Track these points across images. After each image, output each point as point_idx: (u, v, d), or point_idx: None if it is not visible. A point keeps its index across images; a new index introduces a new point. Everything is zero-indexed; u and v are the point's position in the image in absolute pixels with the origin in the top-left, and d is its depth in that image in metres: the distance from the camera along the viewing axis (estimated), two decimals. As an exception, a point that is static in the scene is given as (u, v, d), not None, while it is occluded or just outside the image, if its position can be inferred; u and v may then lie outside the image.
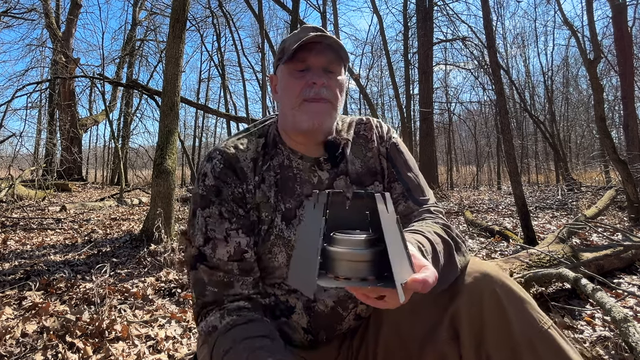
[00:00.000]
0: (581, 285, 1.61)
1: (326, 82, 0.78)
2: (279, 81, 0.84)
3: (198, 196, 0.79)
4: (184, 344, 1.60)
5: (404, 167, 0.87)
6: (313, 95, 0.77)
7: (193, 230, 0.78)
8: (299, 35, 0.79)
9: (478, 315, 0.68)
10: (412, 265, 0.46)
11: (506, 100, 4.03)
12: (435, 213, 0.81)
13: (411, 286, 0.44)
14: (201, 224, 0.77)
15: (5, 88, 12.85)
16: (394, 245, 0.42)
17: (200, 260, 0.76)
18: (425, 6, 9.75)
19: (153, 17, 14.74)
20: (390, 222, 0.43)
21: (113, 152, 15.56)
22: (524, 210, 3.17)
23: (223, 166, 0.79)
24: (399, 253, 0.44)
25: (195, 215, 0.79)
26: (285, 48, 0.81)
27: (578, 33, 5.47)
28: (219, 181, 0.78)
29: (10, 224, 4.67)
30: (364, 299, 0.50)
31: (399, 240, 0.44)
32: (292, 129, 0.82)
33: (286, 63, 0.79)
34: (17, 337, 1.56)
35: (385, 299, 0.49)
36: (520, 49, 16.80)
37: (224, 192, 0.78)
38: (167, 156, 3.51)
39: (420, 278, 0.45)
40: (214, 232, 0.76)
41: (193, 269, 0.77)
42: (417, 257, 0.51)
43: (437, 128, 14.17)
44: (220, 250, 0.76)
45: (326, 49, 0.78)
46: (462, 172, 18.54)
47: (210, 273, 0.75)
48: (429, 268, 0.48)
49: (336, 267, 0.43)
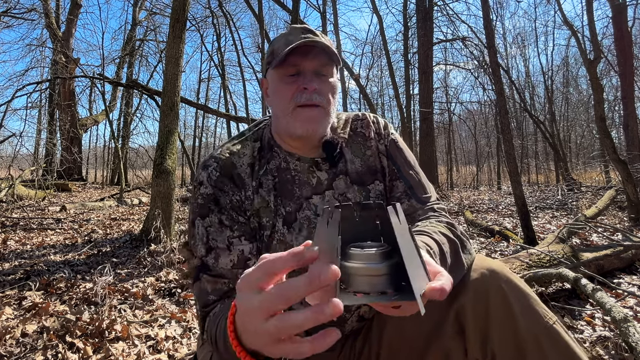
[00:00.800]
0: (581, 285, 1.61)
1: (318, 86, 0.76)
2: (270, 85, 0.82)
3: (196, 205, 0.78)
4: (184, 344, 1.60)
5: (405, 164, 0.86)
6: (305, 101, 0.76)
7: (194, 240, 0.76)
8: (289, 37, 0.78)
9: (484, 310, 0.68)
10: (428, 273, 0.46)
11: (506, 100, 4.03)
12: (439, 211, 0.80)
13: (430, 295, 0.44)
14: (202, 234, 0.76)
15: (5, 88, 12.85)
16: (409, 256, 0.42)
17: (203, 270, 0.74)
18: (425, 6, 9.74)
19: (153, 17, 14.74)
20: (403, 233, 0.43)
21: (113, 152, 15.57)
22: (524, 210, 3.17)
23: (219, 174, 0.78)
24: (415, 264, 0.43)
25: (195, 225, 0.77)
26: (274, 51, 0.79)
27: (578, 33, 5.47)
28: (216, 190, 0.77)
29: (10, 224, 4.67)
30: (381, 309, 0.50)
31: (413, 251, 0.44)
32: (286, 134, 0.81)
33: (276, 68, 0.77)
34: (17, 337, 1.56)
35: (401, 308, 0.49)
36: (520, 49, 16.82)
37: (222, 201, 0.77)
38: (167, 156, 3.51)
39: (439, 286, 0.44)
40: (216, 242, 0.75)
41: (197, 280, 0.74)
42: (432, 264, 0.51)
43: (437, 128, 14.17)
44: (224, 259, 0.74)
45: (317, 51, 0.76)
46: (462, 172, 18.54)
47: (214, 282, 0.73)
48: (443, 275, 0.47)
49: (353, 282, 0.42)
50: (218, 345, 0.61)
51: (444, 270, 0.49)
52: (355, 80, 7.76)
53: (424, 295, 0.43)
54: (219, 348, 0.61)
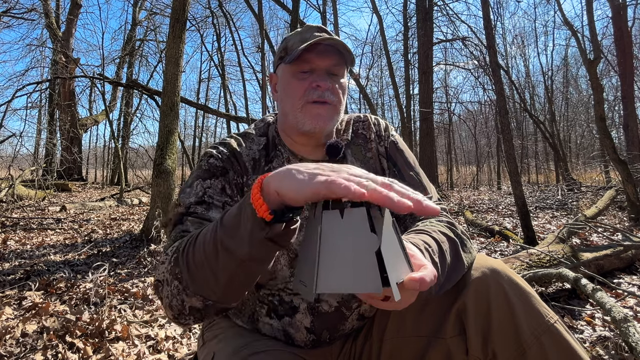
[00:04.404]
0: (581, 285, 1.61)
1: (330, 85, 0.77)
2: (280, 81, 0.82)
3: (201, 170, 0.75)
4: (184, 344, 1.60)
5: (405, 165, 0.87)
6: (317, 98, 0.76)
7: (184, 194, 0.72)
8: (304, 35, 0.78)
9: (485, 310, 0.68)
10: (411, 265, 0.47)
11: (506, 100, 4.03)
12: (440, 211, 0.80)
13: (409, 285, 0.45)
14: (198, 189, 0.72)
15: (5, 88, 12.88)
16: (389, 246, 0.43)
17: (188, 215, 0.69)
18: (425, 6, 9.74)
19: (153, 17, 14.73)
20: (385, 224, 0.44)
21: (113, 152, 15.55)
22: (524, 210, 3.17)
23: (229, 154, 0.78)
24: (396, 254, 0.45)
25: (191, 186, 0.73)
26: (288, 47, 0.79)
27: (578, 33, 5.47)
28: (226, 164, 0.77)
29: (10, 224, 4.67)
30: (370, 301, 0.51)
31: (395, 242, 0.46)
32: (293, 129, 0.81)
33: (289, 64, 0.77)
34: (17, 337, 1.56)
35: (390, 300, 0.49)
36: (520, 48, 16.82)
37: (230, 175, 0.76)
38: (167, 156, 3.51)
39: (418, 277, 0.46)
40: (212, 199, 0.71)
41: (178, 224, 0.68)
42: (417, 257, 0.52)
43: (437, 128, 14.17)
44: (214, 212, 0.70)
45: (331, 51, 0.77)
46: (462, 172, 18.53)
47: (199, 223, 0.67)
48: (427, 267, 0.49)
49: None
50: (205, 248, 0.55)
51: (429, 263, 0.51)
52: (355, 80, 7.75)
53: (403, 285, 0.45)
54: (206, 250, 0.54)
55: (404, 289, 0.46)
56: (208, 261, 0.54)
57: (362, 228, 0.42)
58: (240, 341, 0.75)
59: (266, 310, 0.79)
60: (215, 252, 0.53)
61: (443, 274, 0.64)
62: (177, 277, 0.58)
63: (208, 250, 0.54)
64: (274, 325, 0.79)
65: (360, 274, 0.42)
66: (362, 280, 0.42)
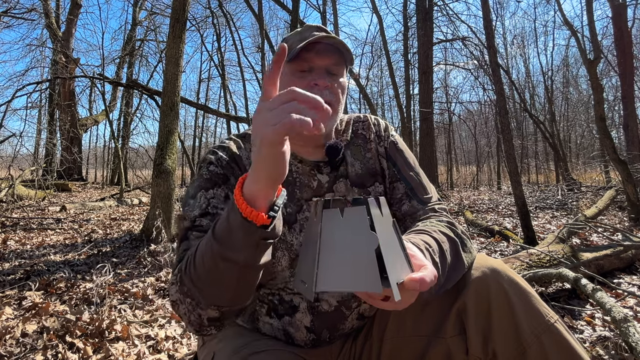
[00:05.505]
0: (581, 285, 1.61)
1: (329, 83, 0.76)
2: (279, 80, 0.83)
3: (202, 180, 0.75)
4: (184, 344, 1.60)
5: (405, 166, 0.86)
6: None
7: (189, 207, 0.72)
8: (303, 34, 0.78)
9: (485, 309, 0.68)
10: (411, 266, 0.47)
11: (506, 100, 4.03)
12: (440, 211, 0.80)
13: (409, 285, 0.45)
14: (202, 201, 0.72)
15: (5, 88, 12.88)
16: (389, 247, 0.43)
17: (193, 229, 0.69)
18: (425, 6, 9.73)
19: (153, 17, 14.72)
20: (385, 224, 0.44)
21: (113, 152, 15.56)
22: (524, 210, 3.17)
23: (229, 159, 0.78)
24: (396, 254, 0.45)
25: (195, 197, 0.73)
26: (287, 47, 0.79)
27: (578, 33, 5.47)
28: (226, 170, 0.77)
29: (10, 224, 4.67)
30: (371, 301, 0.51)
31: (395, 242, 0.46)
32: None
33: (288, 62, 0.77)
34: (17, 337, 1.56)
35: (390, 300, 0.49)
36: (520, 48, 16.82)
37: (232, 181, 0.76)
38: (167, 156, 3.51)
39: (418, 277, 0.46)
40: (216, 209, 0.71)
41: (184, 240, 0.69)
42: (417, 257, 0.52)
43: (437, 128, 14.17)
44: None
45: (330, 50, 0.77)
46: (462, 172, 18.53)
47: (202, 237, 0.68)
48: (427, 267, 0.49)
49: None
50: (205, 262, 0.57)
51: (430, 264, 0.51)
52: (355, 80, 7.75)
53: (403, 286, 0.45)
54: (206, 264, 0.57)
55: (404, 289, 0.46)
56: (211, 274, 0.57)
57: (361, 226, 0.42)
58: (240, 341, 0.75)
59: (266, 309, 0.79)
60: (215, 263, 0.56)
61: (443, 273, 0.64)
62: (187, 295, 0.61)
63: (207, 264, 0.57)
64: (274, 325, 0.79)
65: (360, 272, 0.42)
66: (361, 278, 0.42)
